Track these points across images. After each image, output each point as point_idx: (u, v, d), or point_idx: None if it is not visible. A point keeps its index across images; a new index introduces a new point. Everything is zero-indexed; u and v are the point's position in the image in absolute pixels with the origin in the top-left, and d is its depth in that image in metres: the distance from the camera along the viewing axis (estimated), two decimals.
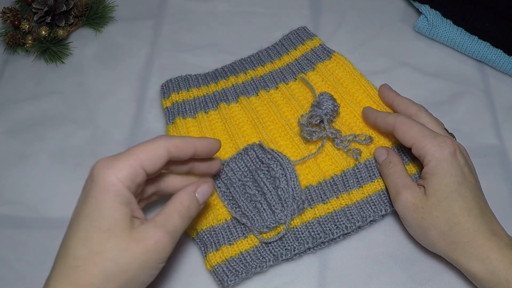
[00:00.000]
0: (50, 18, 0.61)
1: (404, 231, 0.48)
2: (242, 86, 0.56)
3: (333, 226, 0.46)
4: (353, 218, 0.47)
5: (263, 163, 0.49)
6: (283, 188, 0.47)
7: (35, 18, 0.61)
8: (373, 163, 0.49)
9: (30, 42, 0.62)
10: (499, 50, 0.58)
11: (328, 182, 0.49)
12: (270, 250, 0.46)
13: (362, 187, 0.48)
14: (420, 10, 0.61)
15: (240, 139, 0.51)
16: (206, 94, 0.56)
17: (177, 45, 0.64)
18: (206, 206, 0.48)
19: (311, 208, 0.47)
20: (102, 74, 0.61)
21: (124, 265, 0.35)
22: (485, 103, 0.57)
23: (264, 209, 0.46)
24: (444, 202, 0.42)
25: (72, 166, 0.54)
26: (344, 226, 0.46)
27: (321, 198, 0.48)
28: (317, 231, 0.46)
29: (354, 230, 0.48)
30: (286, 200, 0.46)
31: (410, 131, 0.44)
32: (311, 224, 0.47)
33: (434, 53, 0.61)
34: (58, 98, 0.59)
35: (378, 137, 0.51)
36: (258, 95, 0.55)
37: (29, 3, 0.63)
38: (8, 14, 0.61)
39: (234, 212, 0.47)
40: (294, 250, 0.45)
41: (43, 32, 0.61)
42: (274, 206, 0.46)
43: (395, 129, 0.46)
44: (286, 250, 0.46)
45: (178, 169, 0.43)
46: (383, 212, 0.47)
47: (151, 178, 0.41)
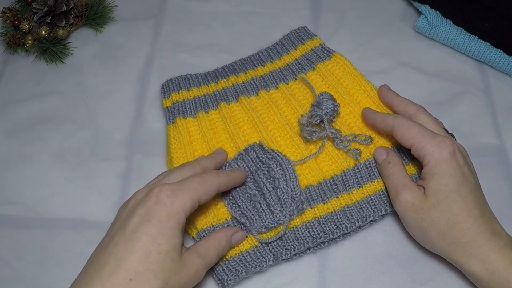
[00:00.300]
0: (50, 18, 0.61)
1: (404, 231, 0.48)
2: (242, 86, 0.56)
3: (333, 226, 0.46)
4: (353, 218, 0.47)
5: (263, 163, 0.49)
6: (283, 188, 0.47)
7: (35, 18, 0.61)
8: (373, 163, 0.49)
9: (30, 42, 0.62)
10: (499, 50, 0.58)
11: (328, 182, 0.49)
12: (270, 250, 0.46)
13: (362, 187, 0.48)
14: (420, 10, 0.61)
15: (240, 139, 0.51)
16: (207, 93, 0.56)
17: (177, 45, 0.64)
18: (206, 205, 0.48)
19: (311, 208, 0.47)
20: (102, 74, 0.61)
21: (170, 286, 0.38)
22: (485, 103, 0.57)
23: (263, 209, 0.46)
24: (443, 202, 0.42)
25: (72, 166, 0.54)
26: (344, 226, 0.46)
27: (321, 198, 0.48)
28: (317, 231, 0.46)
29: (354, 230, 0.48)
30: (285, 200, 0.46)
31: (409, 132, 0.44)
32: (311, 224, 0.47)
33: (434, 53, 0.61)
34: (58, 98, 0.59)
35: (378, 137, 0.51)
36: (258, 95, 0.55)
37: (29, 3, 0.63)
38: (8, 14, 0.61)
39: (234, 211, 0.47)
40: (294, 250, 0.45)
41: (43, 32, 0.61)
42: (273, 207, 0.46)
43: (394, 130, 0.46)
44: (286, 250, 0.46)
45: None
46: (383, 212, 0.47)
47: None
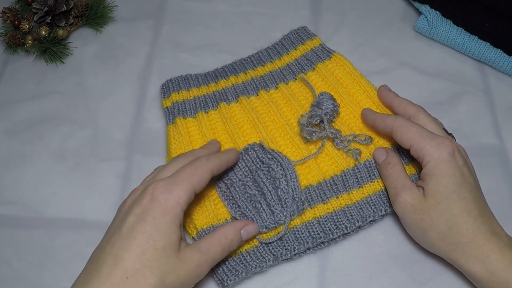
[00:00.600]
0: (50, 18, 0.61)
1: (404, 231, 0.48)
2: (242, 86, 0.56)
3: (333, 226, 0.46)
4: (353, 218, 0.47)
5: (264, 163, 0.49)
6: (283, 188, 0.47)
7: (35, 18, 0.61)
8: (373, 163, 0.49)
9: (30, 42, 0.62)
10: (499, 50, 0.58)
11: (328, 182, 0.49)
12: (270, 250, 0.46)
13: (362, 187, 0.48)
14: (420, 10, 0.61)
15: (240, 139, 0.51)
16: (206, 93, 0.56)
17: (177, 45, 0.64)
18: (206, 204, 0.48)
19: (311, 208, 0.47)
20: (102, 74, 0.61)
21: (169, 282, 0.38)
22: (485, 103, 0.57)
23: (263, 209, 0.46)
24: (443, 203, 0.41)
25: (72, 166, 0.54)
26: (344, 226, 0.46)
27: (321, 198, 0.48)
28: (317, 231, 0.46)
29: (354, 230, 0.48)
30: (286, 200, 0.46)
31: (408, 133, 0.44)
32: (311, 224, 0.47)
33: (434, 53, 0.61)
34: (58, 98, 0.59)
35: (377, 137, 0.51)
36: (258, 95, 0.55)
37: (29, 3, 0.63)
38: (8, 14, 0.61)
39: (234, 212, 0.47)
40: (294, 250, 0.45)
41: (43, 32, 0.61)
42: (273, 207, 0.46)
43: (394, 131, 0.46)
44: (286, 250, 0.46)
45: None
46: (383, 212, 0.47)
47: None
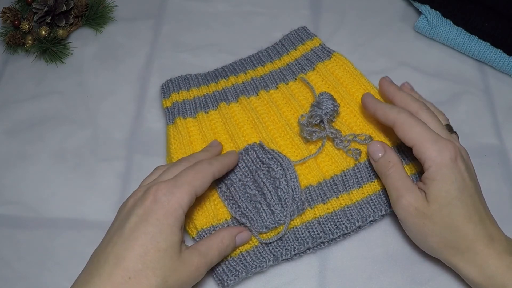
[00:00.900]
0: (50, 18, 0.61)
1: (404, 232, 0.48)
2: (242, 86, 0.56)
3: (333, 226, 0.46)
4: (353, 218, 0.47)
5: (264, 163, 0.49)
6: (283, 188, 0.47)
7: (35, 18, 0.61)
8: None
9: (30, 42, 0.62)
10: (499, 50, 0.58)
11: (328, 182, 0.49)
12: (270, 250, 0.46)
13: (362, 187, 0.48)
14: (420, 10, 0.61)
15: (240, 139, 0.51)
16: (206, 93, 0.56)
17: (177, 45, 0.64)
18: (206, 205, 0.48)
19: (311, 208, 0.47)
20: (102, 74, 0.61)
21: (170, 283, 0.39)
22: (485, 103, 0.57)
23: (263, 209, 0.46)
24: (445, 209, 0.41)
25: (72, 166, 0.54)
26: (344, 226, 0.46)
27: (321, 198, 0.48)
28: (317, 231, 0.46)
29: (354, 230, 0.48)
30: (286, 200, 0.46)
31: (411, 132, 0.43)
32: (311, 224, 0.47)
33: (434, 53, 0.61)
34: (58, 98, 0.59)
35: (378, 136, 0.51)
36: (258, 95, 0.55)
37: (29, 3, 0.63)
38: (8, 14, 0.61)
39: (234, 212, 0.47)
40: (294, 250, 0.45)
41: (43, 32, 0.61)
42: (273, 207, 0.46)
43: (396, 127, 0.44)
44: (286, 250, 0.46)
45: None
46: (383, 212, 0.47)
47: None
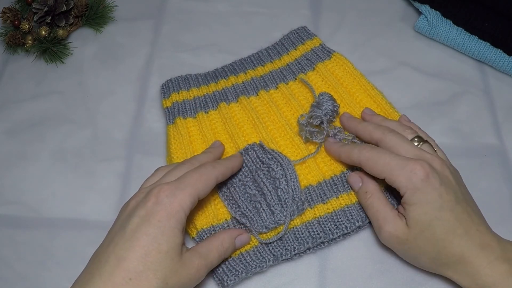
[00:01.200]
0: (50, 18, 0.61)
1: None
2: (242, 86, 0.56)
3: (333, 226, 0.46)
4: (353, 218, 0.47)
5: (264, 163, 0.49)
6: (283, 188, 0.47)
7: (35, 18, 0.61)
8: None
9: (30, 42, 0.62)
10: (499, 50, 0.58)
11: (328, 182, 0.49)
12: (270, 250, 0.46)
13: None
14: (420, 10, 0.61)
15: (240, 139, 0.51)
16: (206, 93, 0.56)
17: (177, 45, 0.64)
18: (206, 205, 0.48)
19: (311, 208, 0.47)
20: (102, 74, 0.61)
21: (170, 285, 0.39)
22: (485, 103, 0.57)
23: (263, 209, 0.46)
24: (427, 231, 0.41)
25: (72, 166, 0.54)
26: (344, 226, 0.46)
27: (321, 198, 0.48)
28: (317, 231, 0.46)
29: (354, 230, 0.48)
30: (286, 201, 0.46)
31: (377, 166, 0.43)
32: (311, 224, 0.47)
33: (434, 53, 0.61)
34: (58, 98, 0.59)
35: None
36: (258, 95, 0.55)
37: (29, 3, 0.63)
38: (8, 14, 0.61)
39: (234, 212, 0.47)
40: (294, 250, 0.45)
41: (43, 32, 0.61)
42: (273, 207, 0.46)
43: (362, 166, 0.45)
44: (286, 250, 0.46)
45: None
46: None
47: None
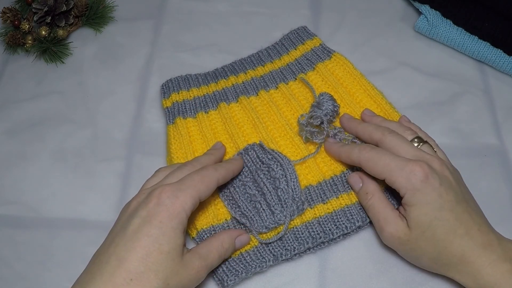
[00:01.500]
0: (50, 18, 0.61)
1: None
2: (242, 86, 0.56)
3: (333, 226, 0.46)
4: (353, 218, 0.47)
5: (264, 163, 0.49)
6: (283, 188, 0.47)
7: (35, 18, 0.61)
8: None
9: (30, 42, 0.62)
10: (499, 50, 0.58)
11: (328, 182, 0.49)
12: (270, 250, 0.46)
13: None
14: (420, 10, 0.61)
15: (240, 139, 0.51)
16: (206, 93, 0.56)
17: (177, 45, 0.64)
18: (206, 205, 0.48)
19: (311, 208, 0.47)
20: (102, 74, 0.61)
21: (171, 286, 0.39)
22: (485, 103, 0.57)
23: (263, 209, 0.46)
24: (427, 231, 0.41)
25: (72, 166, 0.54)
26: (344, 226, 0.46)
27: (321, 198, 0.48)
28: (317, 231, 0.46)
29: (354, 230, 0.48)
30: (286, 201, 0.46)
31: (376, 167, 0.43)
32: (311, 224, 0.47)
33: (434, 53, 0.61)
34: (58, 98, 0.59)
35: None
36: (258, 95, 0.55)
37: (29, 3, 0.63)
38: (8, 14, 0.61)
39: (234, 212, 0.47)
40: (294, 250, 0.45)
41: (43, 32, 0.61)
42: (273, 207, 0.46)
43: (362, 166, 0.45)
44: (286, 250, 0.45)
45: None
46: None
47: None
